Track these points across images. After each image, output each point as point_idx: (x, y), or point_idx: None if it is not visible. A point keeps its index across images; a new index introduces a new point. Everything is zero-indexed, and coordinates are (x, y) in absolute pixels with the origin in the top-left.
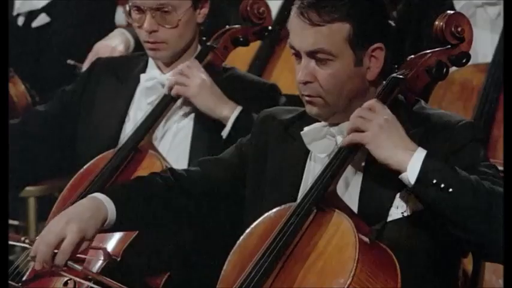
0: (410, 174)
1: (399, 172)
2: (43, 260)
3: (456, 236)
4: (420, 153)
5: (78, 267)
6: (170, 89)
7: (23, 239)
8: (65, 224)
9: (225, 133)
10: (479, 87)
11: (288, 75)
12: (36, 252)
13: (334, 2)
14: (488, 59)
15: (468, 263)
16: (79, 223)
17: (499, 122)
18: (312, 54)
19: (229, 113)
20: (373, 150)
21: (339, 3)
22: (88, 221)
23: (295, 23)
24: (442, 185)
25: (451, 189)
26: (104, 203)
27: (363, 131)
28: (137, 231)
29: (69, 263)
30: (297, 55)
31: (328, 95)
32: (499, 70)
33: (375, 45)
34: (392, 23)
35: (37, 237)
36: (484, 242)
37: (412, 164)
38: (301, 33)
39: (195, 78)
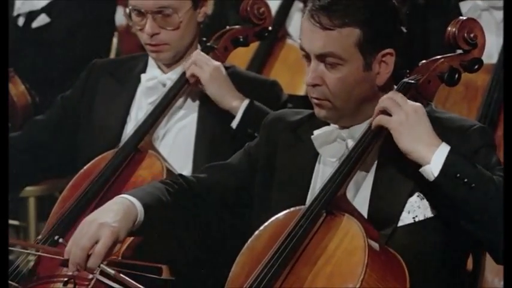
0: (434, 167)
1: (418, 165)
2: (77, 263)
3: (470, 232)
4: (445, 148)
5: (110, 270)
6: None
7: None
8: (98, 227)
9: (235, 123)
10: (483, 88)
11: (286, 74)
12: (70, 255)
13: (345, 7)
14: (493, 60)
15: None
16: (112, 225)
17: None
18: (321, 58)
19: (239, 103)
20: (397, 138)
21: (350, 8)
22: (120, 223)
23: (305, 25)
24: (465, 180)
25: (473, 185)
26: (134, 204)
27: (390, 115)
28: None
29: (102, 265)
30: (307, 57)
31: (336, 99)
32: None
33: (385, 51)
34: (404, 28)
35: (69, 241)
36: (497, 240)
37: (436, 156)
38: (312, 36)
39: (211, 63)
